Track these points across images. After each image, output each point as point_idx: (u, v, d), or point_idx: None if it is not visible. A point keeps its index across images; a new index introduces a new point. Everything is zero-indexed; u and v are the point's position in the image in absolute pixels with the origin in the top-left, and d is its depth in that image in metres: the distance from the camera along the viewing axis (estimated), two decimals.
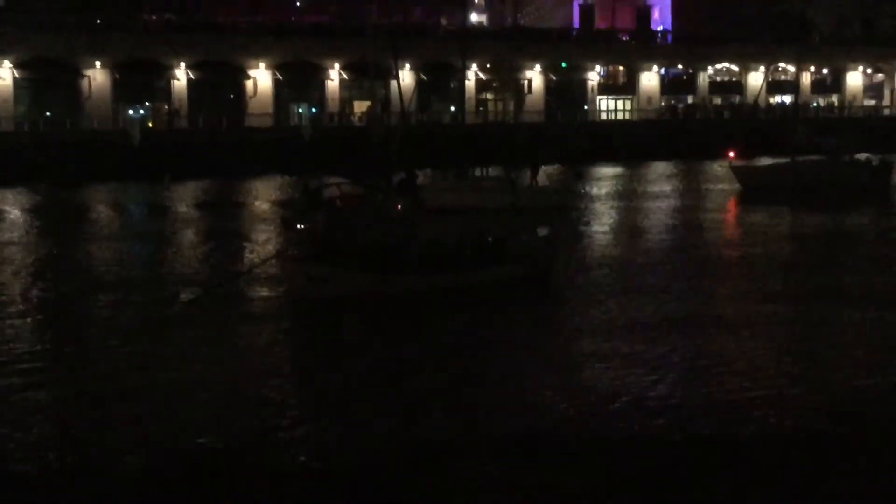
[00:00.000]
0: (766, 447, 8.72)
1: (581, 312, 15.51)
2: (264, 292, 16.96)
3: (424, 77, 56.50)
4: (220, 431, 9.52)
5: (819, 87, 71.83)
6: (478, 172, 32.44)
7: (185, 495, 7.85)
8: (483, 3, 76.52)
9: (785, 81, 68.56)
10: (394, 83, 49.99)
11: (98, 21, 54.95)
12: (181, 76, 53.24)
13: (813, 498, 7.72)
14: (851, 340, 13.30)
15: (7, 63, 49.02)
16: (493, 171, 33.25)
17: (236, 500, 7.69)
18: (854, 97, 72.04)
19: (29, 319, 15.48)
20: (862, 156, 40.16)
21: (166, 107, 53.51)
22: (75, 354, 13.01)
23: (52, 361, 12.67)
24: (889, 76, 73.65)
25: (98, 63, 51.12)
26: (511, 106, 62.94)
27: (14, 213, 32.00)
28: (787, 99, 67.52)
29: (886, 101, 73.83)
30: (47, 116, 50.13)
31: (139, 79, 53.12)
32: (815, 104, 70.06)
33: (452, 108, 58.48)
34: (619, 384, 10.96)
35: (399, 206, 20.29)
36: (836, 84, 72.58)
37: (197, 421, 9.94)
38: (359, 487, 7.93)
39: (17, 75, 49.72)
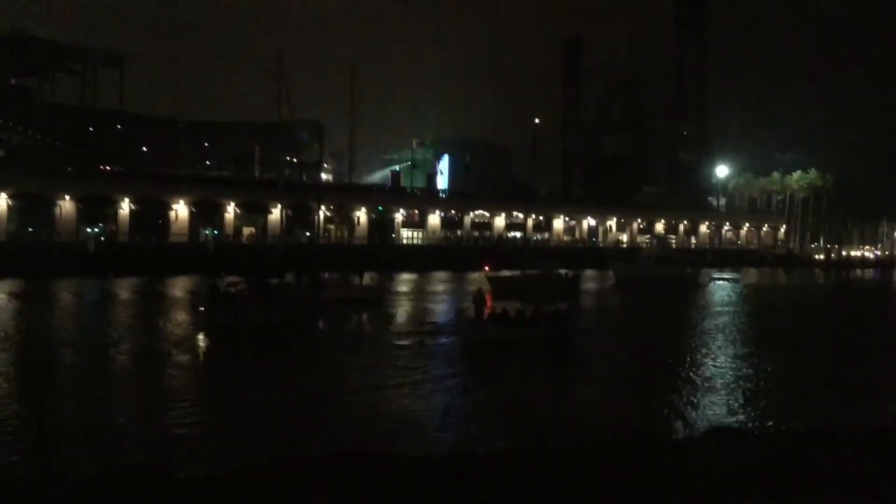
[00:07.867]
0: None
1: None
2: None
3: (290, 213, 70.39)
4: None
5: (538, 227, 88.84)
6: (326, 275, 36.00)
7: None
8: (331, 167, 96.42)
9: (517, 223, 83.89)
10: (270, 217, 70.22)
11: (69, 169, 68.35)
12: (125, 207, 65.81)
13: None
14: None
15: (3, 195, 61.35)
16: (335, 275, 37.51)
17: None
18: (557, 235, 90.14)
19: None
20: (562, 271, 46.83)
21: (113, 227, 65.32)
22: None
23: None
24: (578, 223, 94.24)
25: (67, 196, 63.41)
26: (346, 233, 75.17)
27: (1, 296, 36.36)
28: (519, 234, 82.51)
29: (578, 237, 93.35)
30: (30, 231, 61.52)
31: (95, 208, 64.89)
32: (535, 238, 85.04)
33: (308, 234, 70.35)
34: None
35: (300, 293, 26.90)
36: (548, 226, 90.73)
37: None
38: None
39: (9, 203, 61.80)
